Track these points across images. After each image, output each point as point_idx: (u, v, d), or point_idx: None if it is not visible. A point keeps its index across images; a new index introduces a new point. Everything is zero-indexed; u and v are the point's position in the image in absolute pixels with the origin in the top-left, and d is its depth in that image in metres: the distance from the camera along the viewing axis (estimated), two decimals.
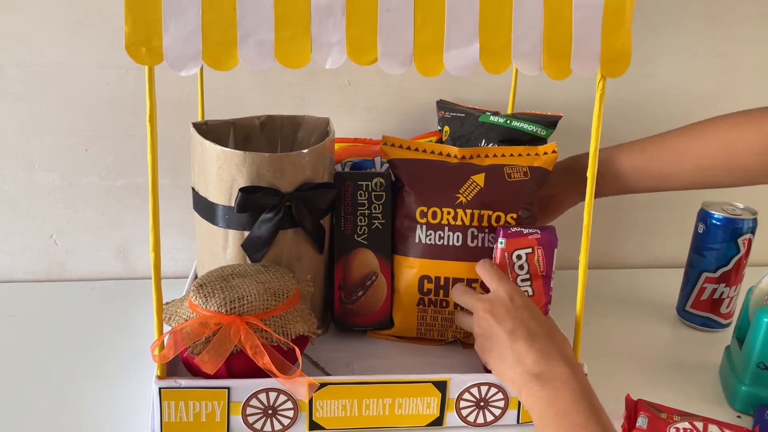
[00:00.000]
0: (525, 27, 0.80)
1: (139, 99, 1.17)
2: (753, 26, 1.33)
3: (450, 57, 0.80)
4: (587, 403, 0.76)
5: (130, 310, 1.17)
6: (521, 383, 0.82)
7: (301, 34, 0.76)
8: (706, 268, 1.17)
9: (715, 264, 1.16)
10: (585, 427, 0.73)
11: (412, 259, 1.05)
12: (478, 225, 1.03)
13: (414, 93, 1.29)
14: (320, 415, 0.89)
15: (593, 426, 0.73)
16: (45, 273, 1.29)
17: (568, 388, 0.77)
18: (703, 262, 1.17)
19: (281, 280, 0.92)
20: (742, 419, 0.97)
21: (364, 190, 1.05)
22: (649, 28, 1.30)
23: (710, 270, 1.16)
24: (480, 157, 1.06)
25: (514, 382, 0.83)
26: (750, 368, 0.96)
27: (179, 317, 0.89)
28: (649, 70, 1.33)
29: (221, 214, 0.97)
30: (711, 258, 1.16)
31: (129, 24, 0.73)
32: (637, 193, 1.10)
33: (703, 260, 1.17)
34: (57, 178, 1.24)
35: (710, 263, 1.16)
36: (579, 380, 0.79)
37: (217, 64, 0.76)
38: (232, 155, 0.94)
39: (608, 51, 0.82)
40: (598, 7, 0.81)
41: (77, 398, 0.95)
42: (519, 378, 0.82)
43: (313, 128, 1.11)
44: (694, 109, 1.34)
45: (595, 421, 0.74)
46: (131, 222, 1.28)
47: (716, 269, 1.16)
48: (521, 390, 0.82)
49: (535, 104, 1.26)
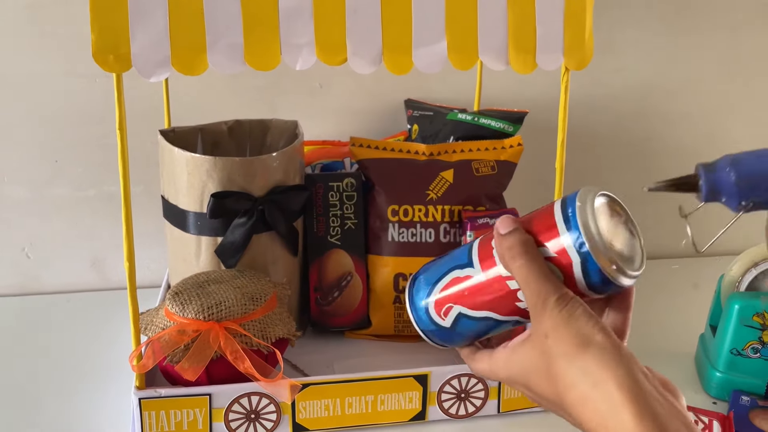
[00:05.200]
0: (490, 23, 0.82)
1: (108, 107, 1.15)
2: (717, 16, 1.34)
3: (419, 55, 0.80)
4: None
5: (106, 321, 1.16)
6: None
7: (270, 37, 0.76)
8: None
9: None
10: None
11: (386, 257, 1.05)
12: (449, 220, 1.04)
13: (385, 94, 1.30)
14: (303, 417, 0.89)
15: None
16: (19, 287, 1.28)
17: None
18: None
19: (258, 284, 0.92)
20: (718, 405, 0.98)
21: (335, 191, 1.06)
22: (614, 23, 1.31)
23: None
24: (448, 153, 1.07)
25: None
26: (723, 355, 0.98)
27: (156, 326, 0.88)
28: (617, 66, 1.34)
29: (193, 221, 0.97)
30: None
31: (95, 31, 0.72)
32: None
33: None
34: (27, 190, 1.23)
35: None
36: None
37: (187, 69, 0.75)
38: (202, 161, 0.93)
39: (571, 44, 0.84)
40: (559, 1, 0.82)
41: (56, 412, 0.95)
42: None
43: (282, 131, 1.11)
44: (665, 102, 1.36)
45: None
46: (104, 232, 1.27)
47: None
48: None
49: (503, 102, 1.27)
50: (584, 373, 0.54)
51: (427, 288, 0.64)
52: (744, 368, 0.97)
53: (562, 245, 0.57)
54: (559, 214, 0.57)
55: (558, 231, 0.57)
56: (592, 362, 0.54)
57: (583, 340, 0.54)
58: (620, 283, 0.57)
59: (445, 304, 0.63)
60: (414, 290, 0.65)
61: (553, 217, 0.58)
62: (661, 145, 1.39)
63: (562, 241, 0.57)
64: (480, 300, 0.61)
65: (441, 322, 0.63)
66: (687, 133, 1.39)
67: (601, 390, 0.53)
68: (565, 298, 0.56)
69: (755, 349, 0.96)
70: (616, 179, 1.39)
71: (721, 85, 1.38)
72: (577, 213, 0.56)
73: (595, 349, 0.54)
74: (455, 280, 0.62)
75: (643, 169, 1.40)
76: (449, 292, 0.63)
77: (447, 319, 0.63)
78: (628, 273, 0.57)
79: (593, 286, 0.57)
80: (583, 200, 0.57)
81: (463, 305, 0.62)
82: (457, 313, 0.62)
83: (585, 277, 0.57)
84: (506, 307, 0.60)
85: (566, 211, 0.57)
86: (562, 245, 0.57)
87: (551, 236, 0.57)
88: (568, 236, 0.56)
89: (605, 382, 0.53)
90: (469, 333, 0.63)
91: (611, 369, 0.53)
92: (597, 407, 0.53)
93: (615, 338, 0.55)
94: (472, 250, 0.62)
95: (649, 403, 0.52)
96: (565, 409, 0.56)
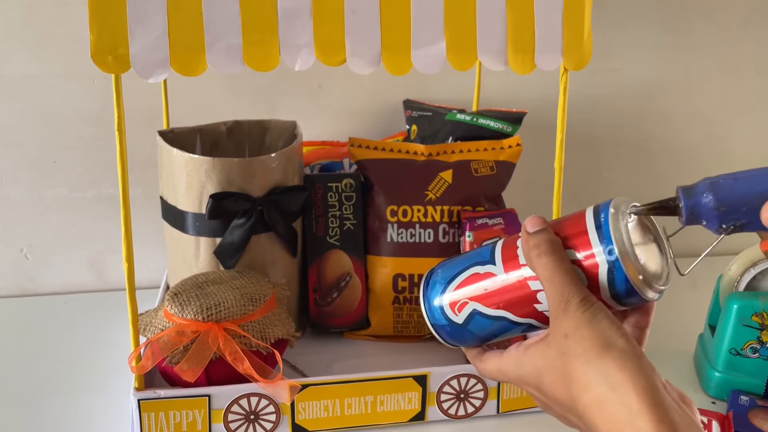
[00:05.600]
0: (489, 24, 0.82)
1: (107, 108, 1.16)
2: (717, 16, 1.34)
3: (418, 55, 0.81)
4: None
5: (105, 323, 1.15)
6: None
7: (269, 37, 0.76)
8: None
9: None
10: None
11: (385, 258, 1.05)
12: (448, 221, 1.04)
13: (384, 95, 1.30)
14: (303, 417, 0.89)
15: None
16: (17, 288, 1.27)
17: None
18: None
19: (257, 284, 0.92)
20: (717, 405, 0.98)
21: (334, 191, 1.06)
22: (612, 24, 1.31)
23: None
24: (446, 153, 1.07)
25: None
26: (722, 354, 0.98)
27: (155, 327, 0.88)
28: (615, 66, 1.34)
29: (191, 222, 0.97)
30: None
31: (94, 32, 0.72)
32: None
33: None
34: (26, 191, 1.23)
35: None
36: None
37: (186, 70, 0.75)
38: (201, 162, 0.93)
39: (570, 44, 0.84)
40: (558, 2, 0.83)
41: (55, 414, 0.95)
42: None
43: (281, 132, 1.11)
44: (664, 101, 1.36)
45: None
46: (103, 233, 1.27)
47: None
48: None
49: (502, 102, 1.27)
50: (603, 376, 0.53)
51: (444, 283, 0.64)
52: (743, 368, 0.97)
53: (591, 250, 0.57)
54: (591, 219, 0.57)
55: (588, 236, 0.57)
56: (613, 365, 0.53)
57: (604, 343, 0.54)
58: (645, 294, 0.57)
59: (461, 300, 0.63)
60: (429, 284, 0.65)
61: (584, 222, 0.58)
62: (660, 145, 1.39)
63: (592, 246, 0.56)
64: (497, 299, 0.61)
65: (454, 317, 0.63)
66: (686, 133, 1.39)
67: (619, 394, 0.52)
68: (588, 300, 0.55)
69: (754, 349, 0.96)
70: (615, 179, 1.39)
71: (721, 85, 1.38)
72: (609, 220, 0.56)
73: (617, 352, 0.53)
74: (474, 276, 0.62)
75: (642, 169, 1.40)
76: (467, 288, 0.62)
77: (460, 315, 0.63)
78: (653, 285, 0.57)
79: (617, 295, 0.57)
80: (616, 208, 0.57)
81: (479, 302, 0.62)
82: (471, 309, 0.62)
83: (610, 285, 0.56)
84: (523, 308, 0.60)
85: (599, 217, 0.57)
86: (590, 250, 0.57)
87: (580, 241, 0.57)
88: (598, 242, 0.56)
89: (624, 386, 0.52)
90: (480, 332, 0.63)
91: (631, 374, 0.52)
92: (613, 411, 0.52)
93: (636, 345, 0.54)
94: (495, 248, 0.62)
95: (668, 412, 0.51)
96: (576, 411, 0.55)
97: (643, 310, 0.61)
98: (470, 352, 0.66)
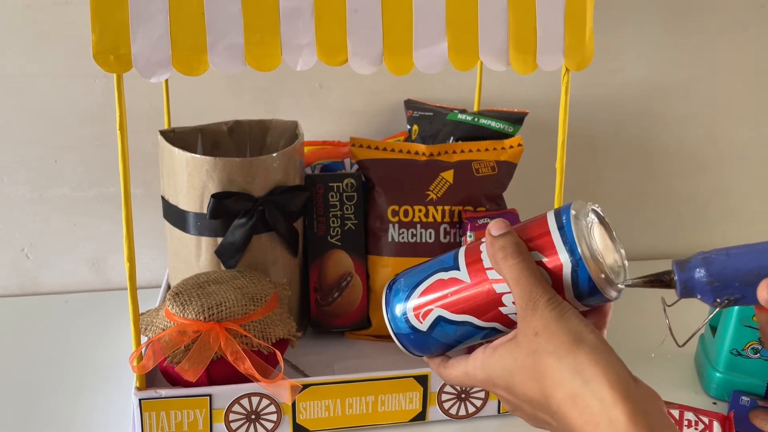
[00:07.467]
0: (491, 24, 0.82)
1: (109, 108, 1.16)
2: (717, 16, 1.34)
3: (419, 55, 0.81)
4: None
5: (106, 322, 1.15)
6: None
7: (271, 37, 0.76)
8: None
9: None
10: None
11: (386, 258, 1.05)
12: (449, 221, 1.04)
13: (385, 95, 1.30)
14: (304, 417, 0.89)
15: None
16: (17, 287, 1.28)
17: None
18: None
19: (258, 284, 0.92)
20: (718, 405, 0.98)
21: (335, 191, 1.06)
22: (614, 24, 1.31)
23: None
24: (448, 153, 1.07)
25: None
26: (723, 355, 0.98)
27: (156, 327, 0.88)
28: (617, 66, 1.34)
29: (193, 222, 0.97)
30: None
31: (96, 32, 0.72)
32: None
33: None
34: (27, 190, 1.23)
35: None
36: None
37: (188, 70, 0.75)
38: (202, 161, 0.93)
39: (572, 44, 0.84)
40: (560, 2, 0.83)
41: (56, 413, 0.95)
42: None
43: (282, 132, 1.11)
44: (664, 102, 1.36)
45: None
46: (104, 233, 1.27)
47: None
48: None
49: (503, 102, 1.27)
50: (575, 371, 0.53)
51: (407, 290, 0.64)
52: (744, 368, 0.97)
53: (555, 251, 0.57)
54: (553, 221, 0.58)
55: (551, 237, 0.58)
56: (585, 360, 0.53)
57: (575, 338, 0.54)
58: (607, 293, 0.58)
59: (425, 307, 0.62)
60: (392, 293, 0.65)
61: (546, 224, 0.59)
62: (661, 146, 1.39)
63: (555, 247, 0.57)
64: (462, 304, 0.61)
65: (418, 325, 0.63)
66: (686, 133, 1.39)
67: (592, 388, 0.52)
68: (556, 299, 0.56)
69: (755, 350, 0.96)
70: (616, 179, 1.39)
71: (721, 85, 1.38)
72: (571, 221, 0.57)
73: (588, 347, 0.54)
74: (438, 283, 0.62)
75: (642, 170, 1.40)
76: (431, 295, 0.62)
77: (425, 322, 0.63)
78: (615, 284, 0.58)
79: (580, 295, 0.58)
80: (577, 210, 0.58)
81: (443, 308, 0.62)
82: (436, 316, 0.62)
83: (574, 285, 0.57)
84: (488, 312, 0.60)
85: (560, 219, 0.58)
86: (554, 251, 0.57)
87: (544, 242, 0.58)
88: (561, 242, 0.57)
89: (597, 379, 0.52)
90: (444, 339, 0.63)
91: (603, 368, 0.53)
92: (588, 404, 0.52)
93: (605, 340, 0.55)
94: (458, 254, 0.63)
95: (640, 403, 0.52)
96: (549, 408, 0.56)
97: (600, 311, 0.62)
98: (433, 362, 0.66)
